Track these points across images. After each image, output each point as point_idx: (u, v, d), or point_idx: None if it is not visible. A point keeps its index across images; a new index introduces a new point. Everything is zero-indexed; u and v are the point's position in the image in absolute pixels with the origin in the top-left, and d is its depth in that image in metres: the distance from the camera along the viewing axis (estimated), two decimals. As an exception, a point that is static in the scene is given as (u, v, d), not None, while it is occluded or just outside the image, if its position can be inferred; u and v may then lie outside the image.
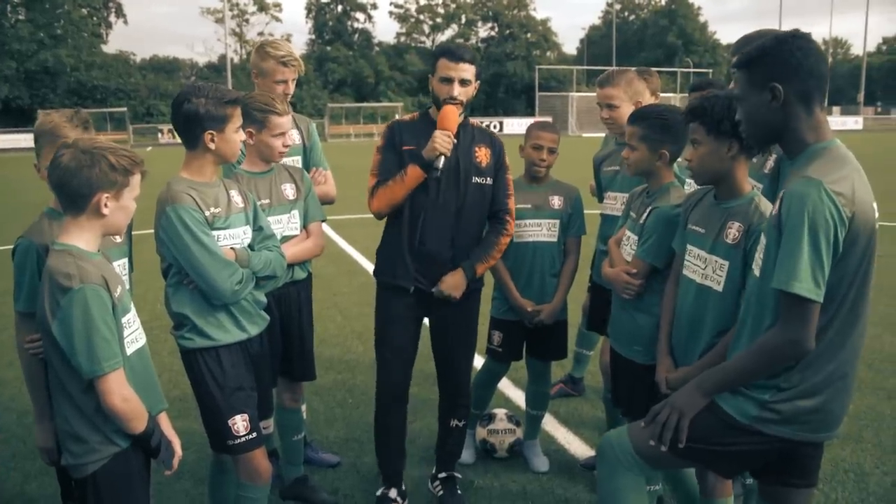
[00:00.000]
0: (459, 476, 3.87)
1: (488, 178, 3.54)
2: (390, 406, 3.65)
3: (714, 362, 2.61)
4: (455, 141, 3.39)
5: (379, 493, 3.71)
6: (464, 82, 3.38)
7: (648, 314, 3.13)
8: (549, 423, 4.59)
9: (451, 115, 3.37)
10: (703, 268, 2.74)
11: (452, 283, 3.47)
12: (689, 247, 2.83)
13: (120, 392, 2.33)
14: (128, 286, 2.72)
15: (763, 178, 2.96)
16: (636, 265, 3.12)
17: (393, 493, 3.68)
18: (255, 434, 3.01)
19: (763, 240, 2.33)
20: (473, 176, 3.49)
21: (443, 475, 3.79)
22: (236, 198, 3.03)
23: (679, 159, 3.19)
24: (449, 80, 3.37)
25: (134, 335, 2.49)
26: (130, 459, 2.46)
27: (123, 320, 2.42)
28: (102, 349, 2.28)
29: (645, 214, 3.14)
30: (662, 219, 3.05)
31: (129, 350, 2.45)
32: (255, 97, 3.37)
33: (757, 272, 2.35)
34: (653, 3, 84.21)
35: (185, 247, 2.78)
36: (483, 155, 3.52)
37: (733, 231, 2.64)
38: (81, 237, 2.36)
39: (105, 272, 2.36)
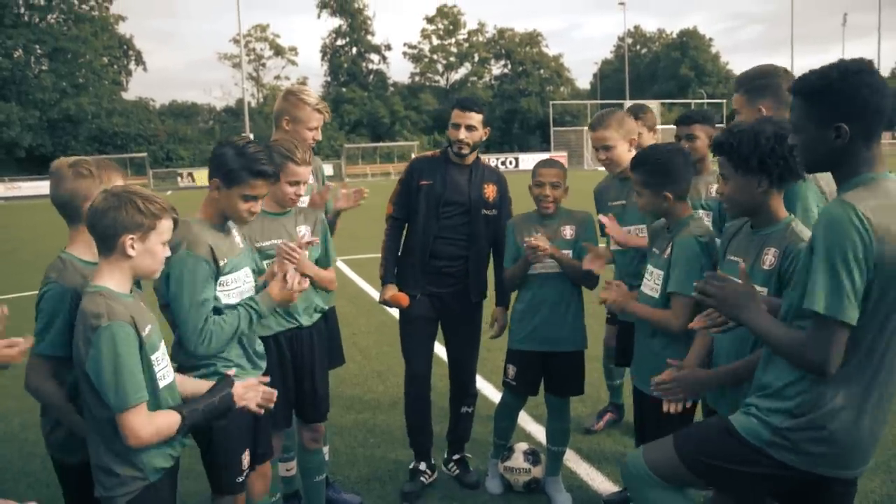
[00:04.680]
0: (470, 456, 4.47)
1: (494, 210, 4.22)
2: (413, 395, 4.30)
3: (736, 371, 2.67)
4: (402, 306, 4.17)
5: (411, 466, 4.36)
6: (469, 128, 4.05)
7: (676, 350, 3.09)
8: (571, 459, 4.55)
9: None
10: None
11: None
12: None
13: (148, 424, 2.41)
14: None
15: None
16: (677, 307, 3.07)
17: (423, 465, 4.33)
18: (250, 467, 3.11)
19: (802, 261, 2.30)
20: (482, 209, 4.15)
21: (456, 457, 4.44)
22: (237, 238, 3.13)
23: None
24: (457, 126, 4.07)
25: (163, 371, 2.56)
26: (160, 491, 2.54)
27: (152, 357, 2.50)
28: (129, 383, 2.36)
29: (669, 249, 3.16)
30: (684, 247, 3.07)
31: (161, 385, 2.52)
32: (280, 141, 3.48)
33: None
34: (664, 35, 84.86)
35: (180, 296, 2.83)
36: (491, 191, 4.20)
37: (769, 257, 2.61)
38: (112, 278, 2.47)
39: (134, 312, 2.45)
